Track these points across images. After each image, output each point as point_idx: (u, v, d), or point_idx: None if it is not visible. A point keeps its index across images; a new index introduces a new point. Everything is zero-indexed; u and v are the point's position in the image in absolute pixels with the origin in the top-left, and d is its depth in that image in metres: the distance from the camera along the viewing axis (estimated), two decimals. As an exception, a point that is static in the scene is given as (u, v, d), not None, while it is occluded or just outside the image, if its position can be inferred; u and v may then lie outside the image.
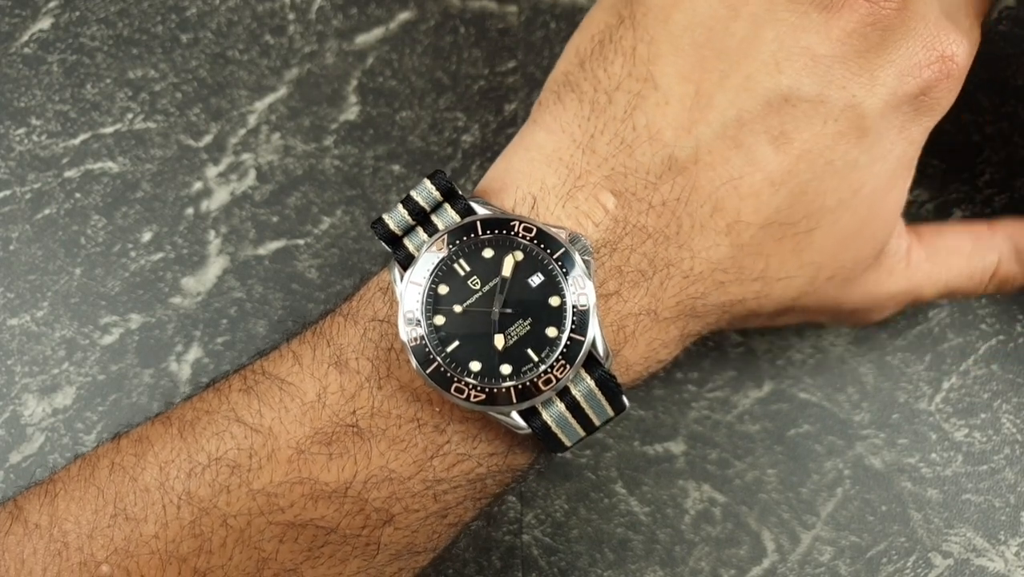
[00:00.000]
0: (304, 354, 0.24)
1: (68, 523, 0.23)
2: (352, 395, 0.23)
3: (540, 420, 0.23)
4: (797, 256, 0.25)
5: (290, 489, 0.23)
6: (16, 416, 0.33)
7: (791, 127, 0.24)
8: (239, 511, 0.23)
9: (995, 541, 0.32)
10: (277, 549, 0.23)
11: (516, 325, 0.23)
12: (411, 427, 0.23)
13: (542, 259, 0.23)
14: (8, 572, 0.23)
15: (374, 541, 0.24)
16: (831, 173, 0.24)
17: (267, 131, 0.36)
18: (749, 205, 0.24)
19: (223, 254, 0.35)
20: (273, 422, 0.23)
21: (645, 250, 0.24)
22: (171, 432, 0.24)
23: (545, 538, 0.33)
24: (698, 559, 0.32)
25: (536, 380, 0.23)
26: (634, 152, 0.24)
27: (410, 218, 0.24)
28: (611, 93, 0.25)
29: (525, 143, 0.26)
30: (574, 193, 0.24)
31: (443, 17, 0.38)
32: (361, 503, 0.23)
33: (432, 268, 0.23)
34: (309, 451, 0.23)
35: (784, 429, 0.33)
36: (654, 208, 0.24)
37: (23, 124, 0.36)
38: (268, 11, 0.38)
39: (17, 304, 0.34)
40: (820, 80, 0.24)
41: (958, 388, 0.34)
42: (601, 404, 0.24)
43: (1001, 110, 0.35)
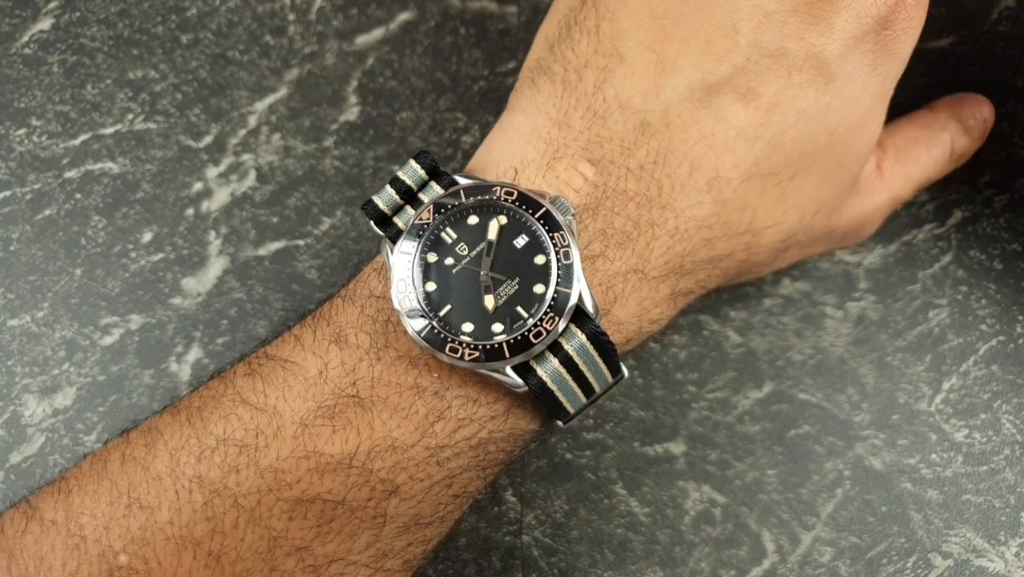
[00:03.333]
0: (305, 335, 0.25)
1: (84, 517, 0.23)
2: (352, 368, 0.24)
3: (536, 377, 0.24)
4: (782, 202, 0.26)
5: (296, 464, 0.23)
6: (16, 417, 0.33)
7: (756, 82, 0.25)
8: (248, 490, 0.23)
9: (995, 542, 0.32)
10: (287, 527, 0.23)
11: (505, 285, 0.24)
12: (411, 394, 0.24)
13: (525, 221, 0.24)
14: (28, 570, 0.23)
15: (381, 513, 0.24)
16: (805, 120, 0.25)
17: (267, 132, 0.36)
18: (726, 161, 0.25)
19: (223, 255, 0.35)
20: (277, 401, 0.24)
21: (628, 212, 0.25)
22: (179, 420, 0.24)
23: (545, 539, 0.33)
24: (698, 560, 0.32)
25: (527, 333, 0.23)
26: (607, 122, 0.25)
27: (398, 197, 0.25)
28: (580, 71, 0.26)
29: (503, 127, 0.27)
30: (553, 164, 0.25)
31: (443, 18, 0.38)
32: (366, 473, 0.23)
33: (420, 237, 0.24)
34: (313, 425, 0.23)
35: (784, 430, 0.33)
36: (632, 172, 0.25)
37: (23, 125, 0.36)
38: (268, 12, 0.38)
39: (17, 305, 0.35)
40: (777, 34, 0.25)
41: (958, 389, 0.34)
42: (595, 362, 0.24)
43: (1001, 110, 0.35)
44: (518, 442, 0.26)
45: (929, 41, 0.36)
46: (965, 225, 0.35)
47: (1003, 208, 0.35)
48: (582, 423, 0.34)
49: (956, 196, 0.35)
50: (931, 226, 0.35)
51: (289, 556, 0.23)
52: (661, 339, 0.34)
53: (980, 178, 0.35)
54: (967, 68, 0.36)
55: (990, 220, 0.35)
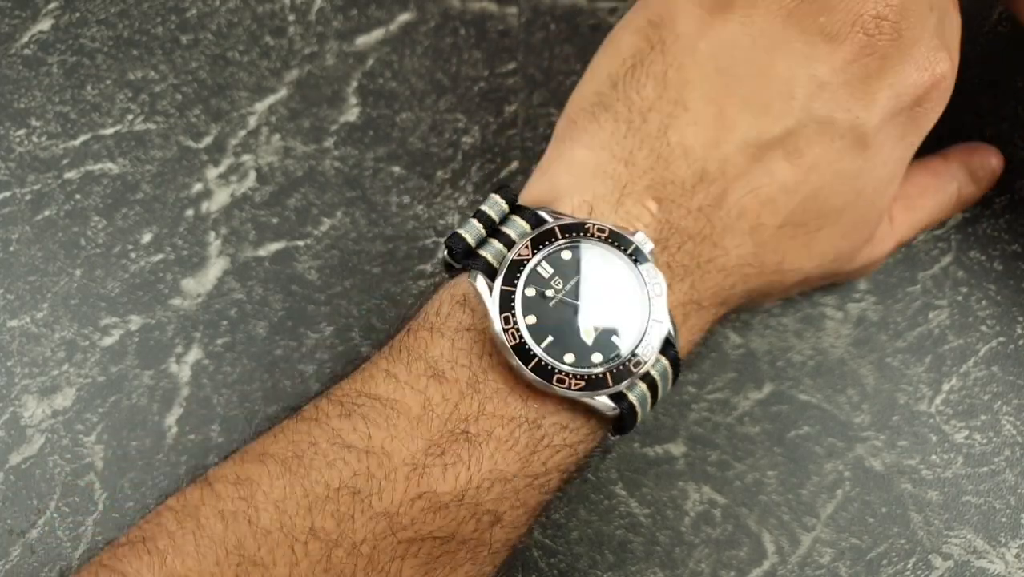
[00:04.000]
0: (398, 371, 0.25)
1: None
2: (456, 403, 0.24)
3: (627, 401, 0.25)
4: (807, 249, 0.28)
5: (411, 505, 0.23)
6: (16, 417, 0.33)
7: (803, 144, 0.27)
8: (364, 537, 0.23)
9: (995, 543, 0.32)
10: (400, 568, 0.23)
11: (600, 317, 0.25)
12: (513, 425, 0.24)
13: (614, 256, 0.26)
14: None
15: (483, 542, 0.24)
16: (839, 181, 0.27)
17: (267, 132, 0.36)
18: (768, 209, 0.27)
19: (223, 255, 0.35)
20: (385, 441, 0.24)
21: (688, 248, 0.27)
22: (275, 469, 0.24)
23: (545, 540, 0.33)
24: (698, 561, 0.32)
25: (627, 363, 0.25)
26: (670, 165, 0.27)
27: (484, 230, 0.26)
28: (645, 113, 0.27)
29: (565, 159, 0.28)
30: (623, 200, 0.27)
31: (443, 19, 0.38)
32: (475, 507, 0.24)
33: (520, 272, 0.25)
34: (424, 464, 0.23)
35: (784, 431, 0.33)
36: (691, 212, 0.27)
37: (23, 125, 0.36)
38: (268, 12, 0.38)
39: (17, 305, 0.34)
40: (827, 104, 0.27)
41: (958, 390, 0.34)
42: (670, 382, 0.26)
43: (1001, 111, 0.35)
44: (588, 461, 0.27)
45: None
46: (965, 226, 0.35)
47: (1003, 209, 0.35)
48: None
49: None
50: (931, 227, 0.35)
51: None
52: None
53: (980, 179, 0.35)
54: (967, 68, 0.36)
55: (990, 221, 0.35)
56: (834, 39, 0.26)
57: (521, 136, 0.37)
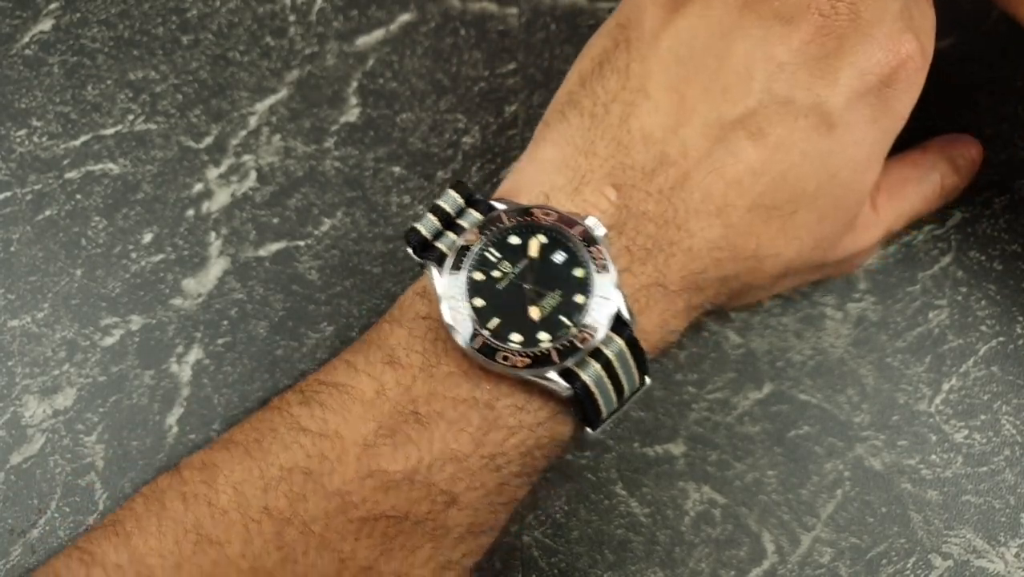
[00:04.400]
0: (357, 360, 0.26)
1: (151, 558, 0.23)
2: (408, 386, 0.25)
3: (580, 381, 0.25)
4: (783, 234, 0.28)
5: (361, 485, 0.24)
6: (17, 417, 0.33)
7: (765, 124, 0.27)
8: (316, 515, 0.23)
9: (995, 543, 0.32)
10: (354, 548, 0.24)
11: (548, 297, 0.26)
12: (465, 406, 0.25)
13: (563, 238, 0.26)
14: None
15: (441, 524, 0.25)
16: (807, 162, 0.28)
17: (268, 132, 0.36)
18: (734, 191, 0.27)
19: (224, 255, 0.35)
20: (338, 425, 0.24)
21: (649, 231, 0.27)
22: (237, 453, 0.25)
23: (545, 539, 0.33)
24: (698, 560, 0.32)
25: (573, 340, 0.25)
26: (630, 151, 0.27)
27: (439, 224, 0.27)
28: (608, 105, 0.28)
29: (533, 157, 0.29)
30: (581, 189, 0.27)
31: (443, 19, 0.38)
32: (427, 487, 0.24)
33: (467, 257, 0.26)
34: (375, 444, 0.24)
35: (784, 430, 0.33)
36: (651, 196, 0.27)
37: (24, 125, 0.37)
38: (269, 13, 0.38)
39: (18, 305, 0.35)
40: (786, 84, 0.27)
41: (958, 390, 0.34)
42: (630, 366, 0.26)
43: (1001, 111, 0.35)
44: (557, 448, 0.27)
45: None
46: (965, 226, 0.35)
47: (1003, 209, 0.35)
48: (582, 424, 0.34)
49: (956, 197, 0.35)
50: (931, 227, 0.35)
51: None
52: (661, 340, 0.34)
53: (980, 179, 0.35)
54: (967, 68, 0.36)
55: (990, 221, 0.35)
56: (790, 21, 0.27)
57: (521, 136, 0.37)
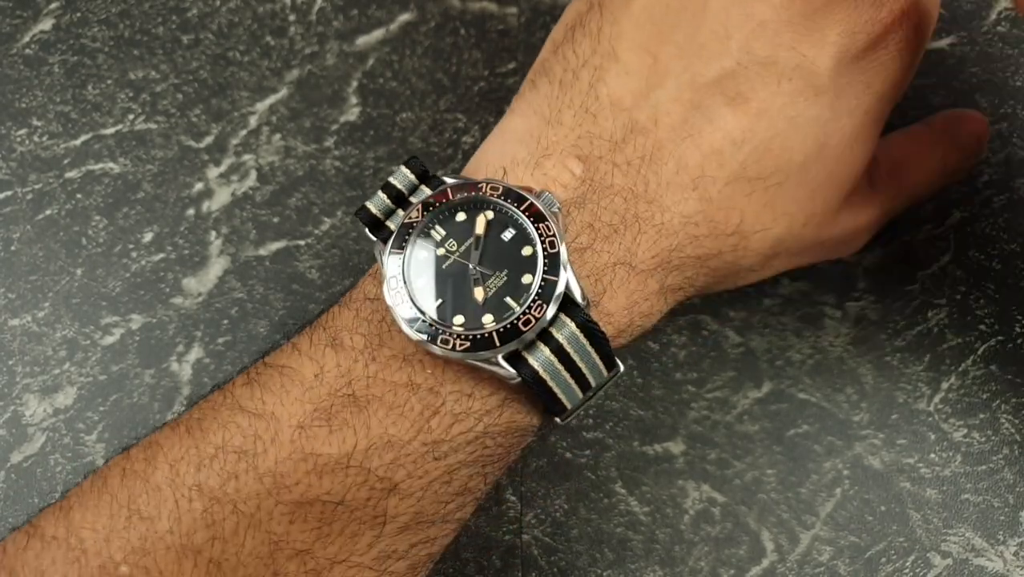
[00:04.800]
0: (302, 342, 0.25)
1: (84, 531, 0.23)
2: (347, 369, 0.24)
3: (528, 367, 0.24)
4: (770, 209, 0.26)
5: (295, 467, 0.23)
6: (17, 416, 0.33)
7: (746, 88, 0.25)
8: (248, 495, 0.23)
9: (994, 541, 0.32)
10: (288, 530, 0.23)
11: (494, 277, 0.24)
12: (406, 391, 0.24)
13: (511, 214, 0.25)
14: None
15: (381, 512, 0.24)
16: (794, 129, 0.26)
17: (268, 132, 0.36)
18: (712, 162, 0.25)
19: (224, 255, 0.35)
20: (275, 406, 0.24)
21: (615, 207, 0.25)
22: (179, 432, 0.24)
23: (545, 538, 0.33)
24: (697, 559, 0.32)
25: (516, 322, 0.24)
26: (597, 119, 0.26)
27: (390, 202, 0.26)
28: (577, 71, 0.26)
29: (499, 129, 0.27)
30: (542, 162, 0.26)
31: (443, 19, 0.38)
32: (364, 472, 0.24)
33: (410, 236, 0.25)
34: (310, 427, 0.24)
35: (783, 429, 0.33)
36: (619, 167, 0.25)
37: (24, 125, 0.37)
38: (269, 12, 0.38)
39: (18, 304, 0.35)
40: (768, 43, 0.25)
41: (957, 388, 0.34)
42: (587, 351, 0.24)
43: (1000, 111, 0.35)
44: (515, 438, 0.26)
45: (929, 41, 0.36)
46: (964, 225, 0.35)
47: (1002, 208, 0.35)
48: (582, 422, 0.34)
49: (955, 196, 0.35)
50: (930, 226, 0.35)
51: (291, 560, 0.23)
52: (660, 339, 0.34)
53: (979, 178, 0.35)
54: (966, 68, 0.36)
55: (989, 220, 0.35)
56: None
57: (521, 135, 0.37)
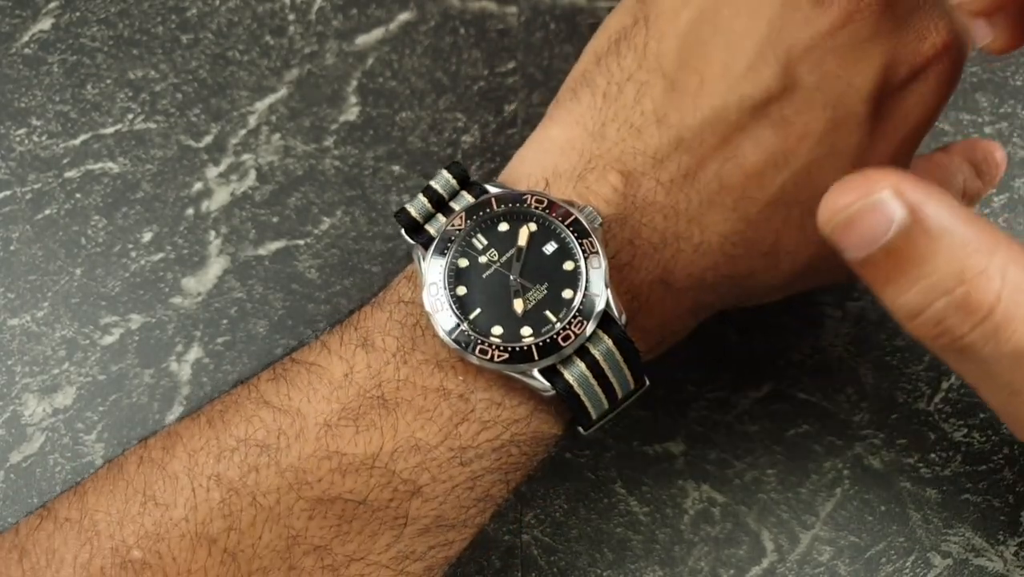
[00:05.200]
0: (332, 341, 0.25)
1: (98, 514, 0.23)
2: (378, 371, 0.24)
3: (563, 380, 0.24)
4: (803, 232, 0.27)
5: (318, 464, 0.23)
6: (16, 416, 0.33)
7: (791, 112, 0.25)
8: (268, 489, 0.23)
9: (994, 541, 0.32)
10: (307, 526, 0.23)
11: (534, 290, 0.24)
12: (436, 396, 0.24)
13: (554, 228, 0.25)
14: (39, 563, 0.23)
15: (403, 513, 0.24)
16: (833, 156, 0.26)
17: (267, 132, 0.36)
18: (754, 183, 0.26)
19: (223, 254, 0.35)
20: (301, 403, 0.24)
21: (655, 224, 0.25)
22: (199, 423, 0.24)
23: (545, 538, 0.33)
24: (697, 559, 0.32)
25: (555, 336, 0.24)
26: (642, 135, 0.26)
27: (431, 206, 0.26)
28: (622, 84, 0.26)
29: (539, 138, 0.27)
30: (584, 175, 0.26)
31: (443, 18, 0.38)
32: (388, 474, 0.24)
33: (452, 243, 0.25)
34: (336, 426, 0.24)
35: (783, 429, 0.33)
36: (662, 185, 0.25)
37: (23, 124, 0.37)
38: (268, 12, 0.38)
39: (17, 304, 0.35)
40: (814, 69, 0.25)
41: (957, 388, 0.34)
42: (620, 367, 0.24)
43: (1000, 110, 0.35)
44: (540, 447, 0.26)
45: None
46: (964, 225, 0.35)
47: (1002, 208, 0.35)
48: (582, 422, 0.34)
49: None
50: (930, 226, 0.35)
51: (308, 555, 0.23)
52: (660, 339, 0.34)
53: (979, 178, 0.35)
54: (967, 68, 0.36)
55: (989, 220, 0.35)
56: (821, 3, 0.25)
57: (521, 135, 0.37)
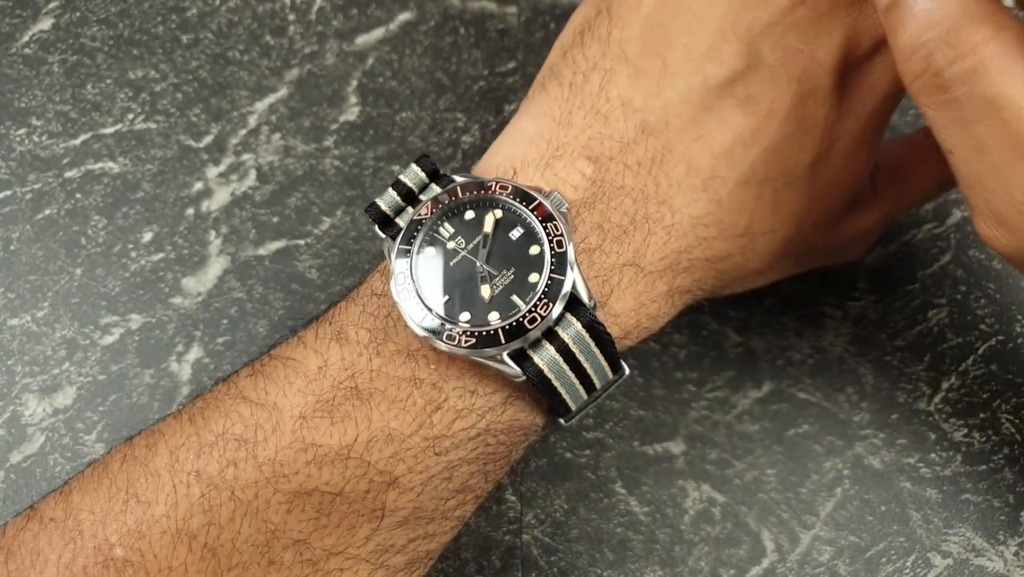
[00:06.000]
0: (307, 336, 0.25)
1: (82, 513, 0.23)
2: (351, 363, 0.24)
3: (533, 365, 0.24)
4: (778, 210, 0.27)
5: (294, 457, 0.24)
6: (17, 416, 0.33)
7: (756, 90, 0.26)
8: (246, 483, 0.23)
9: (994, 541, 0.32)
10: (285, 520, 0.23)
11: (500, 276, 0.25)
12: (409, 385, 0.24)
13: (520, 213, 0.25)
14: (24, 564, 0.23)
15: (380, 505, 0.24)
16: (802, 131, 0.26)
17: (267, 132, 0.36)
18: (723, 163, 0.26)
19: (223, 254, 0.35)
20: (278, 397, 0.24)
21: (625, 208, 0.26)
22: (181, 421, 0.25)
23: (545, 538, 0.33)
24: (697, 559, 0.32)
25: (521, 319, 0.24)
26: (608, 120, 0.26)
27: (400, 199, 0.26)
28: (587, 73, 0.27)
29: (510, 131, 0.27)
30: (552, 163, 0.26)
31: (443, 18, 0.38)
32: (364, 465, 0.24)
33: (419, 232, 0.25)
34: (312, 418, 0.24)
35: (783, 429, 0.33)
36: (629, 168, 0.26)
37: (24, 124, 0.37)
38: (268, 12, 0.38)
39: (18, 304, 0.35)
40: (777, 46, 0.26)
41: (957, 388, 0.34)
42: (593, 352, 0.24)
43: (1000, 111, 0.35)
44: (518, 436, 0.26)
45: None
46: (964, 225, 0.35)
47: (1002, 208, 0.35)
48: (582, 422, 0.34)
49: (955, 195, 0.35)
50: (930, 226, 0.35)
51: (287, 549, 0.23)
52: (661, 338, 0.34)
53: (979, 178, 0.35)
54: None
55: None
56: None
57: (521, 135, 0.37)
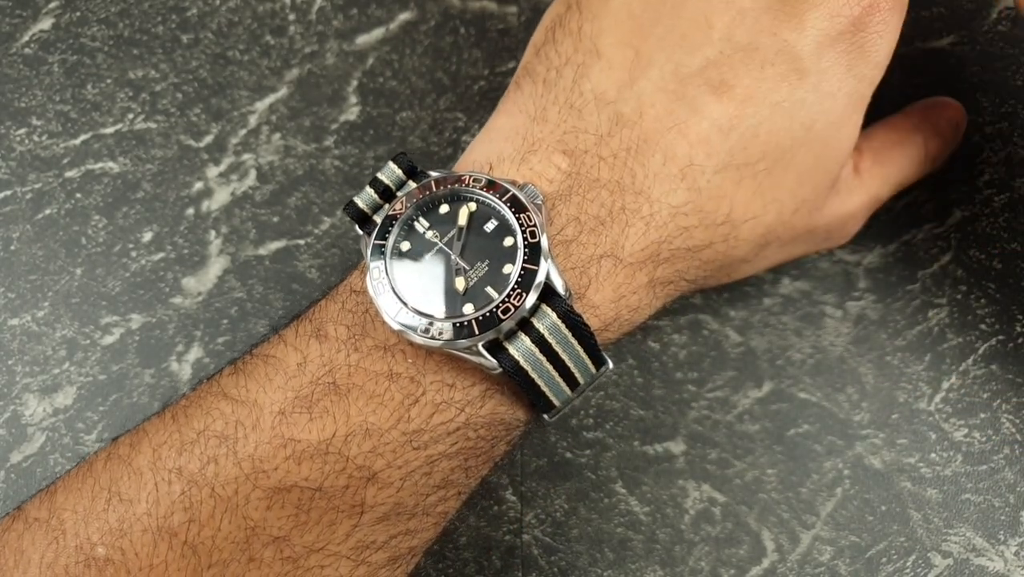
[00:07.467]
0: (288, 333, 0.26)
1: (66, 512, 0.24)
2: (330, 359, 0.25)
3: (509, 357, 0.24)
4: (759, 196, 0.27)
5: (274, 453, 0.24)
6: (17, 416, 0.33)
7: (730, 75, 0.26)
8: (227, 480, 0.23)
9: (995, 541, 0.32)
10: (265, 516, 0.23)
11: (475, 268, 0.25)
12: (386, 380, 0.24)
13: (493, 206, 0.25)
14: (7, 564, 0.23)
15: (359, 501, 0.24)
16: (779, 114, 0.26)
17: (268, 131, 0.36)
18: (700, 151, 0.26)
19: (224, 254, 0.35)
20: (257, 393, 0.24)
21: (601, 199, 0.26)
22: (164, 419, 0.25)
23: (545, 538, 0.33)
24: (698, 559, 0.32)
25: (495, 310, 0.24)
26: (582, 114, 0.26)
27: (378, 197, 0.26)
28: (560, 68, 0.27)
29: (487, 129, 0.28)
30: (528, 157, 0.26)
31: (443, 18, 0.38)
32: (343, 460, 0.24)
33: (393, 227, 0.25)
34: (291, 414, 0.24)
35: (784, 429, 0.33)
36: (605, 160, 0.26)
37: (24, 124, 0.37)
38: (269, 11, 0.38)
39: (18, 304, 0.35)
40: (750, 29, 0.26)
41: (957, 388, 0.34)
42: (570, 343, 0.24)
43: (1001, 110, 0.35)
44: (499, 431, 0.26)
45: (929, 41, 0.36)
46: (964, 224, 0.35)
47: (1002, 208, 0.35)
48: (582, 422, 0.34)
49: (955, 195, 0.35)
50: (931, 225, 0.35)
51: (267, 546, 0.23)
52: (661, 338, 0.34)
53: (979, 178, 0.35)
54: (967, 68, 0.36)
55: (989, 219, 0.35)
56: None
57: (521, 135, 0.37)
